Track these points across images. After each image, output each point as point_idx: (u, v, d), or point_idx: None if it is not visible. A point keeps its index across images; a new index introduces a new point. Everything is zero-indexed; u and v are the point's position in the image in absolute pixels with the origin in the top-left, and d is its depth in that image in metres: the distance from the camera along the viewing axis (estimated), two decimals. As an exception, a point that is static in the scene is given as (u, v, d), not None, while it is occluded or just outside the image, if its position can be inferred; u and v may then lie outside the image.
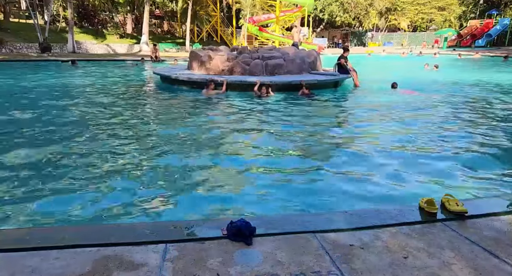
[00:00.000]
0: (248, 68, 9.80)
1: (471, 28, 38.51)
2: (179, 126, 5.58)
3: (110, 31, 28.93)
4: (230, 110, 6.94)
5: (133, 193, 3.11)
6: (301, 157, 4.11)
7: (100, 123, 5.71)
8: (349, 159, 4.02)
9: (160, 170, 3.69)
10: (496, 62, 21.13)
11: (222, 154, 4.21)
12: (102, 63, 18.54)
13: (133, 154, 4.18)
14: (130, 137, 4.92)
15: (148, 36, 26.82)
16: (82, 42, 25.03)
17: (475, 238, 1.92)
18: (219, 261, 1.73)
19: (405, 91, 9.15)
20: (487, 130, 5.33)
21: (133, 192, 3.13)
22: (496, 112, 6.74)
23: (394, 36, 45.52)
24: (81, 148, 4.35)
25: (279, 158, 4.09)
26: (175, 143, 4.66)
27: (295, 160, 4.02)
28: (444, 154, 4.18)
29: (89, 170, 3.61)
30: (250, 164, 3.83)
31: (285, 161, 3.99)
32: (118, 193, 3.09)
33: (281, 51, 10.96)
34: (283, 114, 6.52)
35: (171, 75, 9.88)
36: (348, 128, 5.62)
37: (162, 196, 3.05)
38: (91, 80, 11.60)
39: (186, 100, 7.97)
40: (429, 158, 4.00)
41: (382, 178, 3.45)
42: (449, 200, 2.21)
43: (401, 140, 4.78)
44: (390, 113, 6.55)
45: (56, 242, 1.89)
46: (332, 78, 9.79)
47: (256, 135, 5.07)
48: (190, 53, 11.44)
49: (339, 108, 7.40)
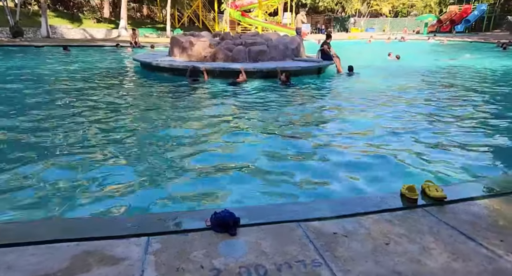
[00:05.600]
0: (231, 54, 9.64)
1: (450, 13, 38.97)
2: (159, 115, 5.45)
3: (86, 15, 27.71)
4: (209, 98, 6.81)
5: (111, 184, 3.03)
6: (282, 146, 4.09)
7: (75, 113, 5.48)
8: (329, 146, 4.06)
9: (139, 161, 3.60)
10: (467, 47, 21.68)
11: (201, 144, 4.13)
12: (85, 49, 17.77)
13: (110, 144, 4.06)
14: (106, 126, 4.78)
15: (126, 20, 25.87)
16: (57, 26, 23.87)
17: (453, 223, 1.97)
18: (203, 253, 1.72)
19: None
20: (462, 115, 5.48)
21: (111, 183, 3.05)
22: (474, 98, 6.92)
23: (376, 21, 45.66)
24: (55, 137, 4.20)
25: (259, 146, 4.06)
26: (153, 133, 4.56)
27: (275, 148, 3.99)
28: (423, 139, 4.26)
29: (63, 160, 3.49)
30: (231, 154, 3.80)
31: (265, 150, 3.96)
32: (95, 185, 3.00)
33: (264, 37, 10.82)
34: (262, 101, 6.48)
35: (152, 62, 9.61)
36: (327, 116, 5.63)
37: (142, 188, 2.98)
38: (64, 67, 11.06)
39: (166, 88, 7.77)
40: (409, 144, 4.07)
41: (363, 165, 3.51)
42: (429, 186, 2.26)
43: (380, 126, 4.84)
44: (368, 99, 6.61)
45: (33, 238, 1.83)
46: (316, 64, 9.77)
47: (234, 124, 5.00)
48: (171, 39, 11.14)
49: (319, 96, 7.39)
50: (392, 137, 4.36)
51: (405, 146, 4.00)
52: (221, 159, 3.66)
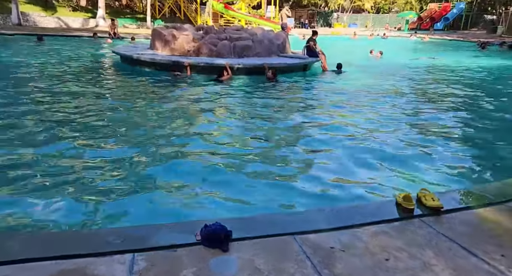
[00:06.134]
0: (216, 49, 9.42)
1: (430, 11, 39.72)
2: (140, 115, 5.18)
3: (61, 3, 26.50)
4: (193, 97, 6.57)
5: (90, 193, 2.83)
6: (268, 149, 3.99)
7: (46, 113, 5.14)
8: (318, 150, 3.99)
9: (118, 166, 3.39)
10: (446, 45, 22.18)
11: (185, 146, 3.94)
12: (60, 39, 16.91)
13: (85, 147, 3.81)
14: (81, 128, 4.51)
15: (105, 10, 24.96)
16: (29, 13, 22.66)
17: (452, 235, 1.93)
18: (193, 272, 1.60)
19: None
20: (452, 119, 5.53)
21: (90, 192, 2.86)
22: (461, 101, 7.03)
23: (358, 17, 46.04)
24: (24, 140, 3.91)
25: (244, 150, 3.95)
26: (133, 135, 4.31)
27: (261, 151, 3.90)
28: (413, 142, 4.26)
29: (33, 165, 3.24)
30: (216, 158, 3.64)
31: (251, 153, 3.86)
32: (73, 193, 2.80)
33: (249, 31, 10.63)
34: (248, 100, 6.34)
35: (132, 55, 9.26)
36: (313, 115, 5.53)
37: (124, 196, 2.80)
38: (37, 59, 10.30)
39: (148, 84, 7.48)
40: (399, 148, 4.04)
41: (353, 168, 3.45)
42: (425, 195, 2.21)
43: (367, 127, 4.80)
44: (355, 99, 6.59)
45: (4, 256, 1.66)
46: (302, 61, 9.69)
47: (218, 125, 4.83)
48: (153, 32, 10.77)
49: (304, 93, 7.32)
50: (381, 139, 4.33)
51: (396, 149, 3.98)
52: (206, 162, 3.52)
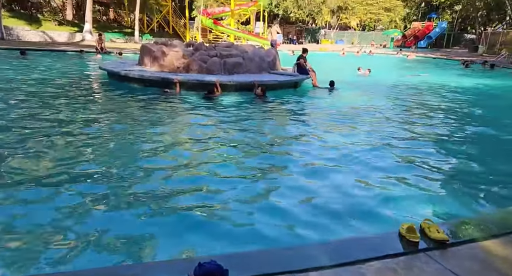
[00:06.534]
0: (206, 66, 9.36)
1: (414, 29, 41.03)
2: (126, 135, 4.91)
3: (46, 17, 26.12)
4: (182, 114, 6.44)
5: (66, 224, 2.60)
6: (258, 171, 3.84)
7: (31, 128, 4.96)
8: (306, 171, 3.88)
9: (101, 188, 3.22)
10: (431, 63, 22.84)
11: (174, 171, 3.73)
12: (45, 53, 16.51)
13: (67, 168, 3.62)
14: (65, 146, 4.31)
15: (91, 24, 24.75)
16: (13, 27, 22.22)
17: (459, 271, 1.84)
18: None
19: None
20: (447, 140, 5.54)
21: (66, 223, 2.62)
22: (452, 120, 7.10)
23: (345, 34, 47.17)
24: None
25: (237, 172, 3.79)
26: (119, 157, 4.10)
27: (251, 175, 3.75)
28: (408, 166, 4.19)
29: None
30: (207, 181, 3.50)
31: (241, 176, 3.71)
32: (44, 227, 2.56)
33: (240, 48, 10.64)
34: (238, 118, 6.21)
35: (120, 72, 9.10)
36: (305, 135, 5.42)
37: (104, 231, 2.53)
38: (19, 76, 9.89)
39: (136, 102, 7.27)
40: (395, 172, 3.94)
41: (349, 195, 3.35)
42: (430, 227, 2.13)
43: (359, 149, 4.71)
44: (345, 118, 6.56)
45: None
46: (293, 78, 9.72)
47: (208, 146, 4.64)
48: (142, 48, 10.65)
49: (296, 112, 7.24)
50: (374, 162, 4.24)
51: (392, 173, 3.87)
52: (193, 188, 3.37)
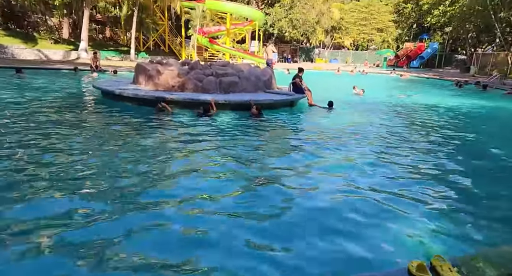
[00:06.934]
0: (201, 84, 9.13)
1: (406, 50, 41.88)
2: (120, 155, 4.69)
3: (43, 35, 26.07)
4: (177, 134, 6.14)
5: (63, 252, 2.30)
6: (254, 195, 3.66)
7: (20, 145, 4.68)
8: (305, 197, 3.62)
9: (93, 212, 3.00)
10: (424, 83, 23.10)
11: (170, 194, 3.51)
12: (39, 72, 16.21)
13: (58, 189, 3.32)
14: (57, 170, 3.98)
15: (87, 42, 24.68)
16: (8, 46, 22.04)
17: None
18: None
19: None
20: (447, 165, 5.28)
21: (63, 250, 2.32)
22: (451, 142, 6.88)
23: (339, 53, 47.98)
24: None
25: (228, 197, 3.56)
26: (113, 179, 3.83)
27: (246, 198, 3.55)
28: (410, 195, 3.91)
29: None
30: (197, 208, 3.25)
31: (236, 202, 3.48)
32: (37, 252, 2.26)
33: (235, 67, 10.47)
34: (231, 137, 5.99)
35: (115, 90, 8.82)
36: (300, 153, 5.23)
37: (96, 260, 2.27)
38: (12, 94, 9.64)
39: (130, 121, 6.98)
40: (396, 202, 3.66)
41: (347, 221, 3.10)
42: (442, 265, 1.92)
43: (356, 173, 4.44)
44: (341, 138, 6.33)
45: None
46: (289, 97, 9.52)
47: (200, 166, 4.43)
48: (137, 66, 10.43)
49: (292, 131, 7.04)
50: (374, 188, 3.96)
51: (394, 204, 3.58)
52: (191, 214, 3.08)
